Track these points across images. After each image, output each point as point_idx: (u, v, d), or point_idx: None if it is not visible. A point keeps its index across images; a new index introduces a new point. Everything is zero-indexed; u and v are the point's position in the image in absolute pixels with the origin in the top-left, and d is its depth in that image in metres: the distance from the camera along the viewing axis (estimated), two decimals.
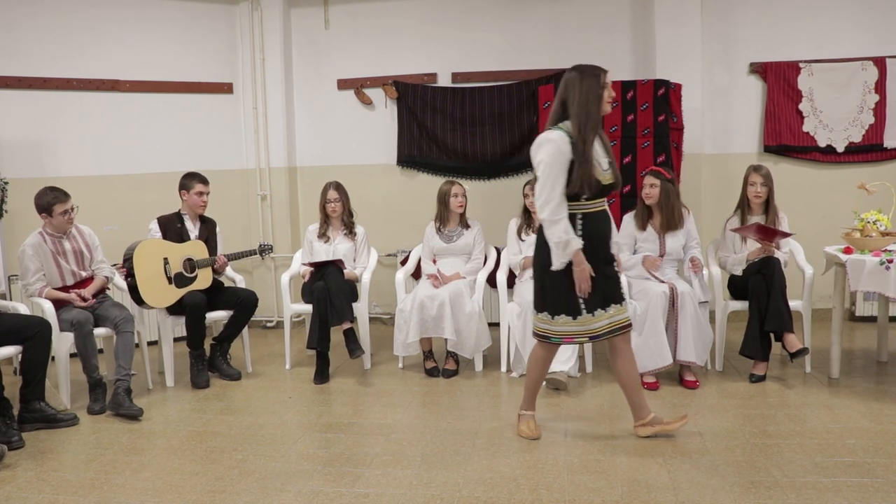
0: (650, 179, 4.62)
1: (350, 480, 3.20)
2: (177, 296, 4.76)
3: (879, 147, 5.94)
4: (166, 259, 4.73)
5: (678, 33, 5.82)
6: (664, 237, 4.66)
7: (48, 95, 5.79)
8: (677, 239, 4.66)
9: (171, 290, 4.75)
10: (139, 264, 4.64)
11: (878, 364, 4.81)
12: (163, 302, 4.74)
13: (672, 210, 4.61)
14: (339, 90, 6.50)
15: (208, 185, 4.98)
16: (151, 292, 4.68)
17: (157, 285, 4.70)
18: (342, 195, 5.22)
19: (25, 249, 4.40)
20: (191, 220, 5.00)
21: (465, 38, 6.33)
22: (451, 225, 5.18)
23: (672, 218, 4.62)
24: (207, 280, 4.91)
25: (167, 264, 4.73)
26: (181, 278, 4.79)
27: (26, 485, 3.24)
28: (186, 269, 4.82)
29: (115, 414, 4.17)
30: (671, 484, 3.05)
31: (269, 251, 5.30)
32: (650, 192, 4.62)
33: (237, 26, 6.45)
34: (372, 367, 5.12)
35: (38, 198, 4.44)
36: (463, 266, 5.14)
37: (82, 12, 5.87)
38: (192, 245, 4.91)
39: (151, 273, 4.68)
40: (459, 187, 5.13)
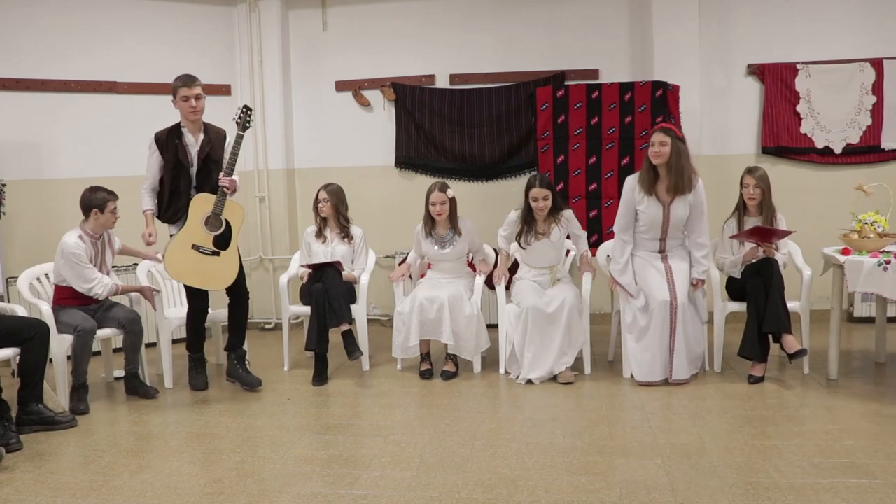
0: (660, 137, 4.34)
1: (349, 482, 3.20)
2: (234, 252, 4.48)
3: (877, 148, 5.95)
4: (195, 245, 4.37)
5: (676, 35, 5.83)
6: (669, 205, 4.44)
7: (46, 97, 5.78)
8: (684, 205, 4.43)
9: (225, 256, 4.43)
10: (179, 273, 4.42)
11: (877, 365, 4.81)
12: (231, 270, 4.47)
13: (682, 172, 4.35)
14: (337, 92, 6.50)
15: (195, 86, 4.36)
16: (210, 277, 4.44)
17: (207, 268, 4.41)
18: (332, 197, 5.17)
19: (76, 252, 4.39)
20: (191, 132, 4.46)
21: (462, 39, 6.34)
22: (441, 230, 5.03)
23: (682, 180, 4.36)
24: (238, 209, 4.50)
25: (198, 248, 4.38)
26: (220, 239, 4.42)
27: (24, 487, 3.24)
28: (214, 225, 4.40)
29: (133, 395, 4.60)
30: (670, 485, 3.05)
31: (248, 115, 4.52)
32: (660, 151, 4.33)
33: (235, 28, 6.45)
34: (370, 369, 5.12)
35: (89, 194, 4.48)
36: (462, 273, 5.11)
37: (80, 14, 5.87)
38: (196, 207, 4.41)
39: (191, 266, 4.38)
40: (440, 195, 4.88)
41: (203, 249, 4.38)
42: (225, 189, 4.39)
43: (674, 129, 4.39)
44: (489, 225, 5.46)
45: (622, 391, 4.41)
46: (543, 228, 4.78)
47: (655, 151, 4.33)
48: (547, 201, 4.70)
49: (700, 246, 4.52)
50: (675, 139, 4.33)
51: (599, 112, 5.73)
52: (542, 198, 4.69)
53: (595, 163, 5.81)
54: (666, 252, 4.60)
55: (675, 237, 4.56)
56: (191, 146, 4.45)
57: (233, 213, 4.45)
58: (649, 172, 4.42)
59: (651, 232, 4.56)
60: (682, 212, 4.44)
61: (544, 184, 4.72)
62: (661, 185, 4.41)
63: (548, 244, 4.80)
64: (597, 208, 5.83)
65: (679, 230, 4.54)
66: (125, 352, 4.62)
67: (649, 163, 4.40)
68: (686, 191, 4.38)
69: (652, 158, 4.37)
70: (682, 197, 4.40)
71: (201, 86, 4.41)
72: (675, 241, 4.58)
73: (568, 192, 5.80)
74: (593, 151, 5.81)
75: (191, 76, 4.39)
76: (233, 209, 4.45)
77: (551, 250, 4.83)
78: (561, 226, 4.80)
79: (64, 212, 5.61)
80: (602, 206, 5.83)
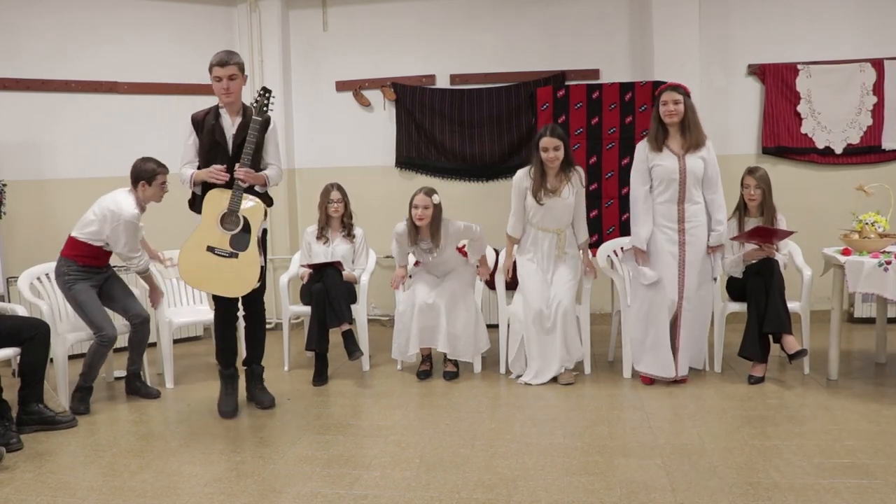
0: (672, 96, 4.29)
1: (349, 482, 3.20)
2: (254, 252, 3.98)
3: (877, 149, 5.95)
4: (210, 247, 3.93)
5: (676, 35, 5.83)
6: (684, 157, 4.32)
7: (47, 97, 5.79)
8: (699, 160, 4.32)
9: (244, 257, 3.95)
10: (195, 279, 4.02)
11: (877, 366, 4.81)
12: (252, 273, 3.98)
13: (697, 127, 4.33)
14: (337, 92, 6.51)
15: (228, 66, 3.93)
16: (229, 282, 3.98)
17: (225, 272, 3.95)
18: (344, 196, 5.23)
19: (135, 223, 4.33)
20: (229, 114, 4.06)
21: (463, 39, 6.34)
22: (424, 234, 4.79)
23: (698, 135, 4.33)
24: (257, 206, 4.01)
25: (214, 250, 3.94)
26: (237, 240, 3.95)
27: (25, 487, 3.24)
28: (230, 224, 3.96)
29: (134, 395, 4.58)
30: (670, 485, 3.05)
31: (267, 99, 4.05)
32: (674, 110, 4.28)
33: (235, 28, 6.45)
34: (371, 369, 5.12)
35: (139, 165, 4.39)
36: (454, 264, 4.96)
37: (81, 14, 5.88)
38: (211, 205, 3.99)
39: (208, 271, 3.95)
40: (424, 198, 4.64)
41: (219, 251, 3.94)
42: (240, 182, 3.92)
43: (682, 86, 4.35)
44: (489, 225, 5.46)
45: (622, 391, 4.41)
46: (554, 185, 4.53)
47: (670, 111, 4.27)
48: (558, 152, 4.45)
49: (718, 206, 4.39)
50: (686, 96, 4.31)
51: (600, 112, 5.73)
52: (552, 148, 4.44)
53: (595, 163, 5.82)
54: (685, 224, 4.36)
55: (693, 200, 4.35)
56: (227, 129, 4.03)
57: (252, 211, 3.99)
58: (659, 132, 4.35)
59: (668, 192, 4.34)
60: (697, 165, 4.31)
61: (556, 133, 4.48)
62: (673, 143, 4.35)
63: (558, 203, 4.55)
64: (597, 208, 5.83)
65: (696, 188, 4.35)
66: (130, 349, 4.59)
67: (659, 122, 4.34)
68: (702, 145, 4.33)
69: (665, 118, 4.30)
70: (696, 151, 4.32)
71: (239, 65, 3.97)
72: (693, 206, 4.36)
73: None
74: (594, 151, 5.81)
75: (227, 53, 3.98)
76: (252, 205, 4.00)
77: (562, 211, 4.58)
78: (573, 184, 4.56)
79: (64, 212, 5.62)
80: (602, 206, 5.83)
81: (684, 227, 4.37)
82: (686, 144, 4.32)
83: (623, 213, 5.13)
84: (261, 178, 4.04)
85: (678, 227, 4.37)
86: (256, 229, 3.99)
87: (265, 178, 4.07)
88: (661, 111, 4.30)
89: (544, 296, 4.57)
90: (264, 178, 4.07)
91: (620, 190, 5.60)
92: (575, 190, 4.58)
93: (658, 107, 4.33)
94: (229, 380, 4.22)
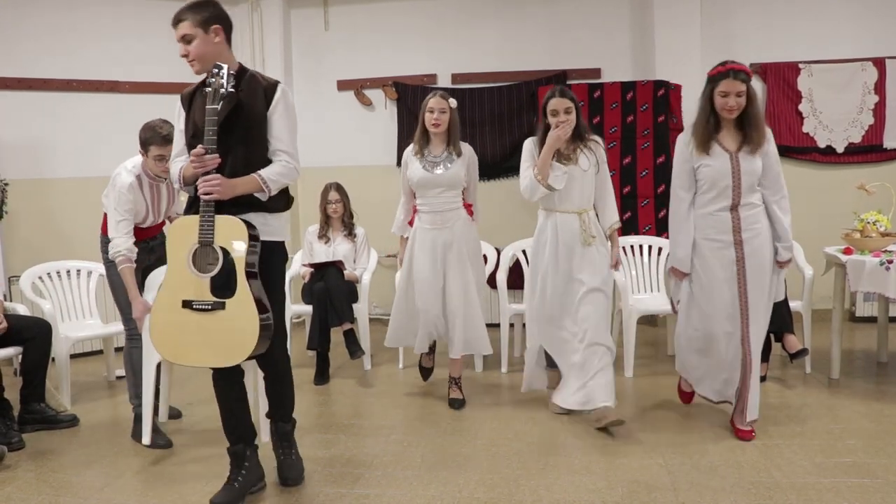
0: (735, 86, 3.35)
1: (350, 481, 3.20)
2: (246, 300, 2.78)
3: (879, 148, 5.94)
4: (187, 301, 2.82)
5: (678, 34, 5.83)
6: (738, 155, 3.44)
7: (48, 97, 5.79)
8: (755, 158, 3.44)
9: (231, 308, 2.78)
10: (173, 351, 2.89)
11: (879, 365, 4.81)
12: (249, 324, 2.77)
13: (758, 121, 3.43)
14: (338, 91, 6.51)
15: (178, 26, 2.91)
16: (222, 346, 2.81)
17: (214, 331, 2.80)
18: (343, 196, 5.24)
19: (124, 195, 3.62)
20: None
21: (464, 39, 6.34)
22: (436, 147, 4.16)
23: (760, 130, 3.42)
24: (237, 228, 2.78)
25: (192, 305, 2.82)
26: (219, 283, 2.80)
27: (26, 486, 3.24)
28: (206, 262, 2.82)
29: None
30: (671, 485, 3.04)
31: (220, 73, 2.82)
32: (737, 104, 3.38)
33: (237, 27, 6.36)
34: (372, 368, 5.12)
35: (142, 131, 3.73)
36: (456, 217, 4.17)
37: (82, 13, 5.88)
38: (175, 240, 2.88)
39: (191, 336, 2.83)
40: (440, 101, 4.06)
41: (199, 304, 2.81)
42: (207, 198, 2.73)
43: (746, 70, 3.41)
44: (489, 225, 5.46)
45: (623, 390, 4.41)
46: (567, 152, 3.83)
47: (730, 106, 3.37)
48: (570, 115, 3.78)
49: (784, 211, 3.52)
50: (750, 83, 3.41)
51: (601, 111, 5.72)
52: (563, 110, 3.77)
53: None
54: (741, 235, 3.48)
55: (750, 203, 3.48)
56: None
57: (229, 235, 2.79)
58: (708, 126, 3.46)
59: (718, 197, 3.50)
60: (755, 165, 3.44)
61: (566, 94, 3.81)
62: (726, 138, 3.48)
63: (577, 174, 3.80)
64: None
65: (753, 190, 3.48)
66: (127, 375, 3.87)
67: (710, 113, 3.46)
68: (762, 142, 3.43)
69: (724, 113, 3.42)
70: (754, 148, 3.43)
71: (197, 17, 2.88)
72: (751, 210, 3.49)
73: None
74: None
75: (184, 7, 2.91)
76: (228, 228, 2.78)
77: (581, 184, 3.82)
78: (592, 153, 3.86)
79: (66, 211, 5.63)
80: None
81: (741, 237, 3.48)
82: (742, 140, 3.44)
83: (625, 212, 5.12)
84: (249, 183, 2.80)
85: (733, 239, 3.49)
86: (241, 261, 2.78)
87: (258, 180, 2.80)
88: (719, 104, 3.41)
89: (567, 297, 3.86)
90: (256, 181, 2.80)
91: (622, 189, 5.59)
92: (596, 160, 3.86)
93: (712, 96, 3.43)
94: (234, 461, 3.03)
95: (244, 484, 2.99)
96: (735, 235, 3.49)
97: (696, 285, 3.59)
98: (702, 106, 3.49)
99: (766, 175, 3.47)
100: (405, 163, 4.18)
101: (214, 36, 2.90)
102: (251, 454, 3.03)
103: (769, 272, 3.52)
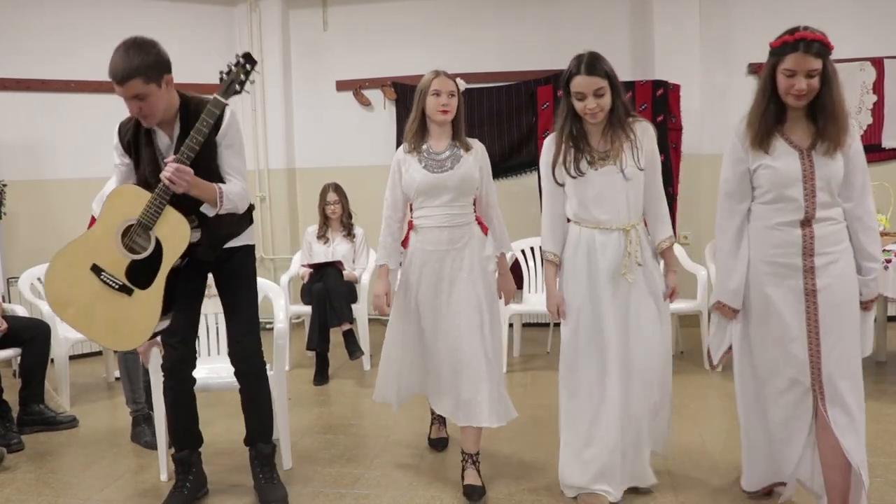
0: (807, 62, 2.44)
1: (350, 481, 3.20)
2: (156, 300, 2.68)
3: (877, 147, 5.94)
4: (97, 266, 2.70)
5: (677, 34, 5.83)
6: (810, 154, 2.51)
7: (47, 97, 5.79)
8: (834, 158, 2.50)
9: (139, 298, 2.68)
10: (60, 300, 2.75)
11: (877, 364, 4.81)
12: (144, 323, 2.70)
13: (839, 108, 2.47)
14: (337, 91, 6.51)
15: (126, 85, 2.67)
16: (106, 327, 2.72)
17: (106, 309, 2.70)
18: (341, 197, 5.24)
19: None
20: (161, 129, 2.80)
21: (463, 39, 6.34)
22: (439, 142, 3.18)
23: (841, 121, 2.48)
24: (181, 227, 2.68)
25: (101, 274, 2.70)
26: (139, 269, 2.69)
27: (26, 487, 3.24)
28: (137, 243, 2.70)
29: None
30: (671, 484, 3.04)
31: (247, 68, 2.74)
32: (808, 87, 2.45)
33: (236, 28, 6.45)
34: (371, 369, 5.12)
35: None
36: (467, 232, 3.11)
37: (81, 14, 5.88)
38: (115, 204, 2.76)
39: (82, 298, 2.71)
40: (446, 81, 3.22)
41: (107, 277, 2.69)
42: (167, 184, 2.60)
43: (823, 39, 2.54)
44: None
45: None
46: (603, 147, 2.76)
47: (800, 90, 2.46)
48: (602, 99, 2.70)
49: (867, 229, 2.59)
50: (829, 55, 2.49)
51: None
52: (592, 92, 2.68)
53: None
54: (813, 259, 2.52)
55: (827, 218, 2.54)
56: (163, 148, 2.80)
57: (172, 231, 2.68)
58: (766, 116, 2.58)
59: (784, 208, 2.55)
60: (834, 166, 2.51)
61: (595, 69, 2.71)
62: (795, 131, 2.57)
63: (612, 174, 2.73)
64: None
65: (832, 199, 2.54)
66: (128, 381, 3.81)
67: (770, 101, 2.57)
68: (844, 136, 2.49)
69: (791, 100, 2.50)
70: (832, 145, 2.50)
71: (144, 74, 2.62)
72: (828, 226, 2.54)
73: None
74: None
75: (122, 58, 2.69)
76: (173, 224, 2.67)
77: (624, 190, 2.74)
78: (635, 145, 2.76)
79: (65, 212, 5.63)
80: None
81: (813, 263, 2.54)
82: (817, 134, 2.52)
83: None
84: (208, 189, 2.68)
85: (803, 264, 2.55)
86: (170, 261, 2.67)
87: (217, 190, 2.70)
88: (783, 86, 2.50)
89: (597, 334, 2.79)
90: (215, 191, 2.69)
91: None
92: (642, 154, 2.77)
93: (774, 74, 2.55)
94: (180, 467, 2.96)
95: (192, 490, 2.97)
96: (806, 260, 2.54)
97: (751, 326, 2.67)
98: (760, 87, 2.59)
99: (846, 183, 2.57)
100: (397, 167, 3.18)
101: (167, 85, 2.68)
102: (196, 460, 3.02)
103: (853, 313, 2.56)
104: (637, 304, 2.77)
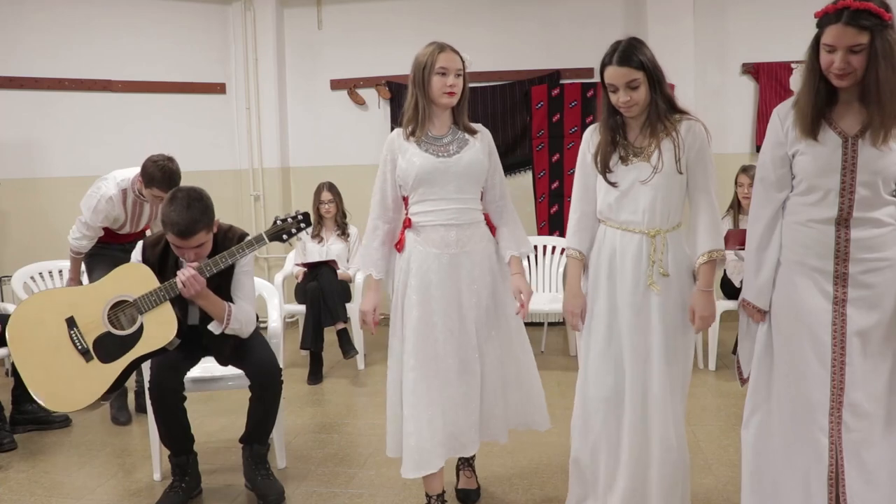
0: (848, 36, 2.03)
1: (344, 481, 3.20)
2: (108, 378, 2.74)
3: None
4: (71, 320, 2.75)
5: (671, 34, 5.83)
6: (856, 141, 2.13)
7: (40, 95, 5.76)
8: (884, 154, 2.12)
9: (94, 368, 2.73)
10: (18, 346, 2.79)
11: None
12: (81, 397, 2.73)
13: (887, 96, 2.06)
14: (332, 90, 6.50)
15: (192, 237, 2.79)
16: (56, 386, 2.74)
17: (61, 368, 2.74)
18: (335, 196, 5.24)
19: (99, 208, 3.76)
20: None
21: (457, 38, 6.21)
22: (441, 124, 2.76)
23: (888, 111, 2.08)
24: (168, 327, 2.77)
25: (71, 329, 2.76)
26: (109, 342, 2.75)
27: (18, 486, 3.23)
28: (121, 320, 2.81)
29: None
30: None
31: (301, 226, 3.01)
32: (850, 65, 2.06)
33: (230, 26, 6.43)
34: (365, 368, 5.12)
35: (152, 169, 3.62)
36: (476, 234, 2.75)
37: (74, 12, 5.85)
38: (122, 275, 2.85)
39: (43, 348, 2.75)
40: (452, 55, 2.73)
41: (76, 337, 2.74)
42: (178, 286, 2.76)
43: (873, 7, 2.02)
44: None
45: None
46: (640, 143, 2.47)
47: (838, 68, 2.07)
48: (636, 91, 2.40)
49: None
50: (883, 28, 2.03)
51: (594, 110, 5.73)
52: (625, 84, 2.40)
53: None
54: (848, 266, 2.17)
55: (870, 220, 2.17)
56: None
57: (158, 325, 2.75)
58: (816, 98, 2.16)
59: (821, 202, 2.20)
60: (882, 159, 2.12)
61: (628, 60, 2.40)
62: (842, 115, 2.17)
63: (641, 172, 2.43)
64: None
65: (879, 197, 2.16)
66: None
67: (818, 81, 2.16)
68: (891, 130, 2.10)
69: (834, 78, 2.11)
70: (885, 133, 2.10)
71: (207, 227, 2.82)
72: (870, 231, 2.17)
73: (563, 190, 5.80)
74: None
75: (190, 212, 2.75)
76: (163, 320, 2.75)
77: (649, 189, 2.43)
78: (677, 144, 2.41)
79: (58, 211, 5.60)
80: None
81: (848, 269, 2.19)
82: (867, 120, 2.12)
83: None
84: (217, 304, 2.87)
85: (834, 270, 2.20)
86: (142, 350, 2.76)
87: (226, 308, 2.88)
88: (824, 63, 2.12)
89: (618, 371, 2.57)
90: (224, 308, 2.87)
91: None
92: (682, 152, 2.42)
93: (818, 52, 2.14)
94: (177, 469, 3.02)
95: (187, 491, 3.03)
96: (838, 265, 2.19)
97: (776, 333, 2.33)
98: (807, 65, 2.18)
99: None
100: (390, 154, 2.81)
101: (215, 227, 2.93)
102: (192, 461, 3.08)
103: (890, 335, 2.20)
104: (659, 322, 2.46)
